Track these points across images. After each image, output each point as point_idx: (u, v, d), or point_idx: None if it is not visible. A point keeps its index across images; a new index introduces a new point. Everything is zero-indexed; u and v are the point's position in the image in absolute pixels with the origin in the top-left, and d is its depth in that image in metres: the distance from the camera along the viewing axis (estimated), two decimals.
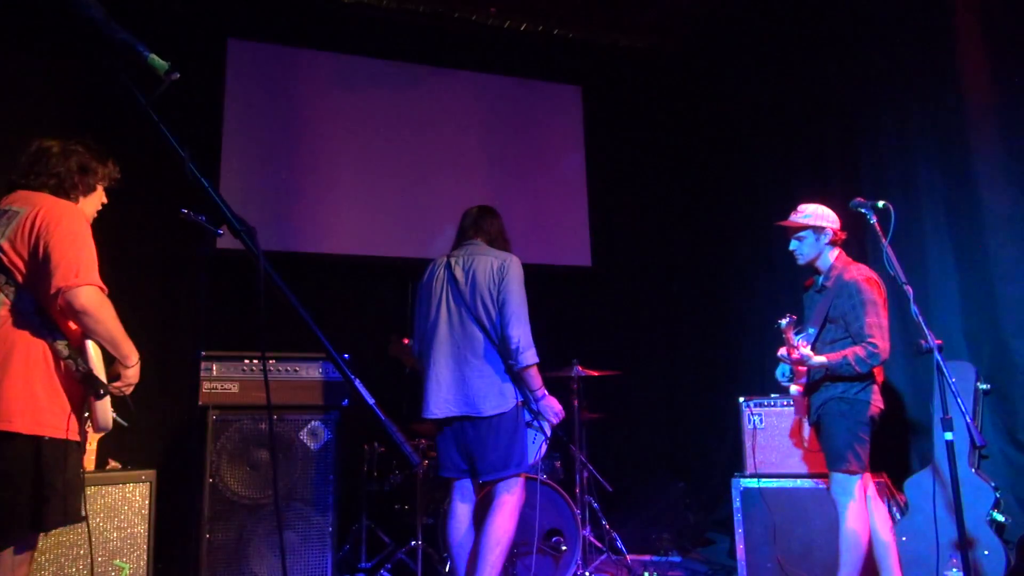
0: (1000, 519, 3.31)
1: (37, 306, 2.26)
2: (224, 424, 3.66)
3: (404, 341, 4.03)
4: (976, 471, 3.42)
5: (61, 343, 2.27)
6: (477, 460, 3.22)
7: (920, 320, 2.82)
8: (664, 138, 6.21)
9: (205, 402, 3.65)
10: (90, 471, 3.32)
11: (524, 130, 5.85)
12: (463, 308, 3.28)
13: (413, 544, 3.97)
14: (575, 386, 4.37)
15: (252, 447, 3.67)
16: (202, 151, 4.83)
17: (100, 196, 2.58)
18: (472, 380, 3.21)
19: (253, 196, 4.99)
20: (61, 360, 2.27)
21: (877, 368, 3.20)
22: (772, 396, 4.02)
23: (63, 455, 2.27)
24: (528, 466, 3.33)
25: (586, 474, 4.38)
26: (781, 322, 3.11)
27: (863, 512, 3.13)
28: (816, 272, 3.41)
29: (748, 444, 4.06)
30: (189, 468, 4.16)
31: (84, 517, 2.39)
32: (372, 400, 1.56)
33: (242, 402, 3.71)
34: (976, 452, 3.46)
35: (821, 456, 3.36)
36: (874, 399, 3.20)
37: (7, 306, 2.24)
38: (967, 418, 2.82)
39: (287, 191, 5.15)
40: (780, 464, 3.99)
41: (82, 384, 2.32)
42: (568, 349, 4.49)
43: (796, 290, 3.74)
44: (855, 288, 3.18)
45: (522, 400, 3.29)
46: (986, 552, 3.25)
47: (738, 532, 3.97)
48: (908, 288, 2.87)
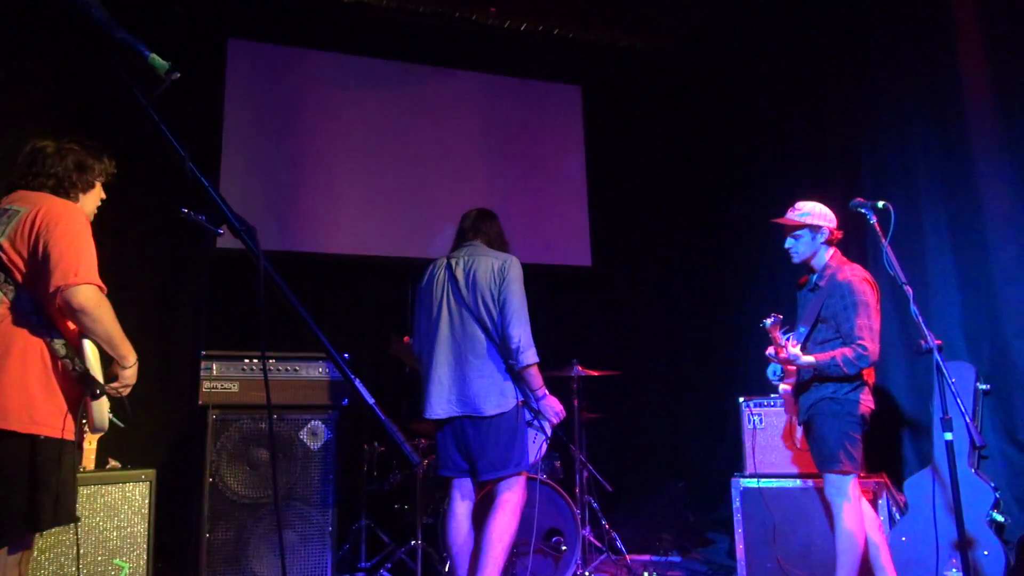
0: (1000, 519, 3.31)
1: (35, 305, 2.25)
2: (224, 423, 3.67)
3: (405, 340, 4.03)
4: (976, 471, 3.42)
5: (59, 342, 2.26)
6: (477, 459, 3.22)
7: (920, 320, 2.82)
8: (664, 138, 6.21)
9: (205, 401, 3.65)
10: (90, 470, 3.32)
11: (524, 130, 5.85)
12: (464, 308, 3.29)
13: (413, 544, 3.98)
14: (575, 386, 4.37)
15: (252, 446, 3.68)
16: (202, 151, 4.83)
17: (99, 192, 2.57)
18: (473, 380, 3.22)
19: (253, 196, 4.99)
20: (58, 359, 2.26)
21: (868, 370, 3.18)
22: (772, 396, 4.01)
23: (58, 454, 2.25)
24: (528, 465, 3.34)
25: (586, 474, 4.38)
26: (766, 321, 3.09)
27: (859, 512, 3.12)
28: (811, 271, 3.38)
29: (748, 444, 4.06)
30: (189, 467, 4.17)
31: (78, 518, 2.37)
32: (372, 400, 1.56)
33: (242, 401, 3.71)
34: (976, 452, 3.45)
35: (810, 456, 3.35)
36: (864, 399, 3.17)
37: (6, 305, 2.24)
38: (967, 418, 2.82)
39: (287, 191, 5.15)
40: (780, 464, 3.99)
41: (79, 384, 2.31)
42: (568, 349, 4.50)
43: (795, 289, 3.74)
44: (848, 289, 3.16)
45: (522, 400, 3.30)
46: (985, 552, 3.25)
47: (738, 532, 3.97)
48: (908, 288, 2.87)
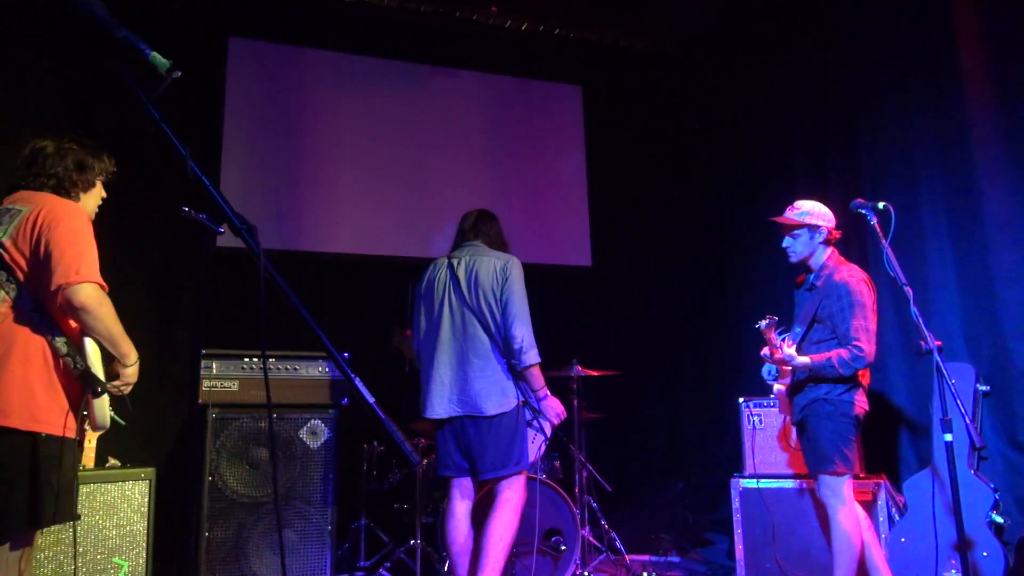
0: (999, 521, 3.31)
1: (37, 304, 2.27)
2: (224, 422, 3.66)
3: (407, 333, 4.02)
4: (975, 472, 3.42)
5: (60, 340, 2.28)
6: (477, 459, 3.23)
7: (920, 321, 2.82)
8: (664, 138, 6.21)
9: (205, 400, 3.65)
10: (90, 468, 3.32)
11: (525, 129, 5.85)
12: (466, 308, 3.29)
13: (412, 543, 3.98)
14: (575, 386, 4.37)
15: (252, 445, 3.68)
16: (203, 150, 4.84)
17: (100, 191, 2.59)
18: (475, 380, 3.22)
19: (254, 194, 4.99)
20: (60, 358, 2.27)
21: (863, 371, 3.17)
22: (772, 396, 4.01)
23: (59, 452, 2.26)
24: (528, 464, 3.34)
25: (585, 474, 4.38)
26: (761, 323, 3.09)
27: (854, 513, 3.12)
28: (808, 270, 3.36)
29: (748, 444, 4.06)
30: (189, 466, 4.16)
31: (78, 516, 2.39)
32: (372, 399, 1.56)
33: (242, 400, 3.71)
34: (975, 454, 3.45)
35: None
36: (858, 400, 3.16)
37: (8, 303, 2.25)
38: (966, 419, 2.82)
39: (287, 190, 5.15)
40: (780, 464, 3.99)
41: (80, 382, 2.32)
42: (568, 349, 4.50)
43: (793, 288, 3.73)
44: (845, 289, 3.15)
45: (523, 400, 3.31)
46: (985, 554, 3.24)
47: (737, 532, 3.96)
48: (908, 289, 2.86)
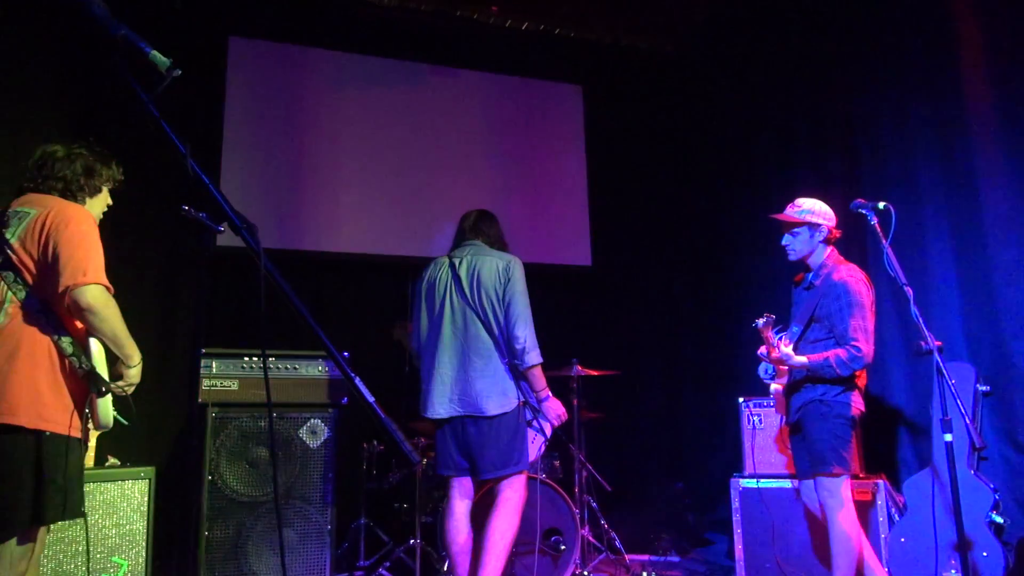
0: (999, 521, 3.30)
1: (44, 304, 2.32)
2: (223, 421, 3.66)
3: (408, 327, 4.01)
4: (975, 473, 3.42)
5: (66, 340, 2.33)
6: (478, 458, 3.23)
7: (920, 321, 2.82)
8: (665, 138, 6.21)
9: (205, 399, 3.65)
10: (89, 467, 3.32)
11: (525, 129, 5.84)
12: (467, 308, 3.29)
13: (412, 542, 3.98)
14: (574, 385, 4.37)
15: (251, 445, 3.67)
16: (203, 149, 4.83)
17: (105, 198, 2.66)
18: (476, 380, 3.22)
19: (253, 193, 4.99)
20: (65, 358, 2.32)
21: (861, 372, 3.16)
22: (771, 396, 4.01)
23: (65, 451, 2.32)
24: (528, 464, 3.34)
25: (585, 473, 4.38)
26: (758, 322, 3.08)
27: (852, 513, 3.11)
28: (807, 269, 3.35)
29: (747, 444, 4.06)
30: (188, 465, 4.15)
31: (84, 513, 2.44)
32: (372, 398, 1.56)
33: (242, 399, 3.71)
34: (975, 454, 3.45)
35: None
36: (854, 401, 3.15)
37: (15, 303, 2.31)
38: (966, 420, 2.82)
39: (288, 189, 5.14)
40: (779, 464, 3.99)
41: (85, 382, 2.37)
42: (568, 349, 4.49)
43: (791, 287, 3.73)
44: (843, 289, 3.14)
45: (523, 400, 3.31)
46: (984, 554, 3.24)
47: (737, 532, 3.96)
48: (908, 289, 2.86)
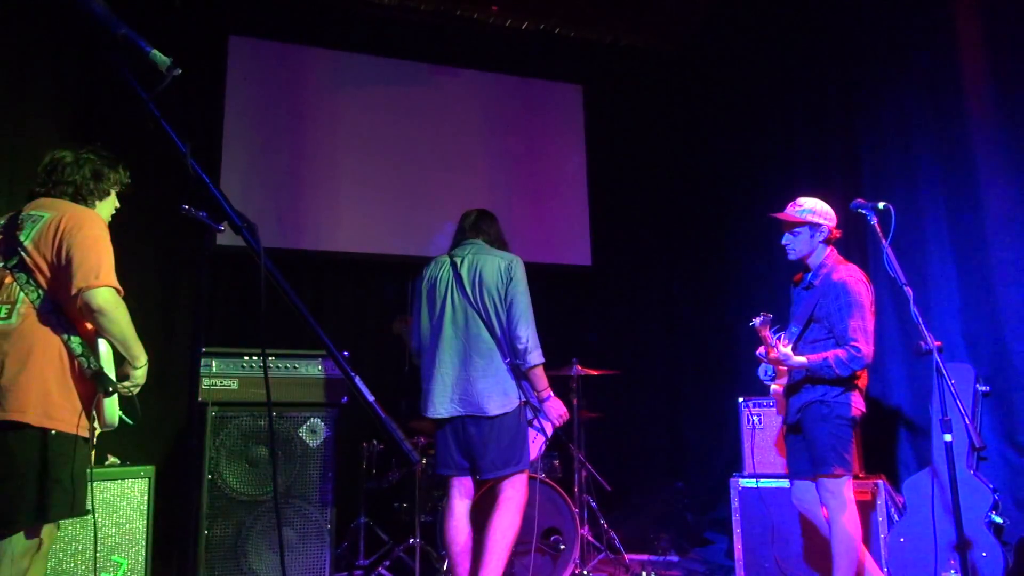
0: (998, 521, 3.31)
1: (55, 305, 2.39)
2: (223, 420, 3.66)
3: (409, 320, 4.00)
4: (974, 473, 3.42)
5: (75, 341, 2.39)
6: (479, 458, 3.23)
7: (920, 321, 2.82)
8: (665, 138, 6.20)
9: (204, 398, 3.65)
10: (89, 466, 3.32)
11: (525, 129, 5.84)
12: (469, 307, 3.29)
13: (411, 542, 3.98)
14: (574, 385, 4.37)
15: (251, 444, 3.67)
16: (203, 148, 4.83)
17: (113, 201, 2.72)
18: (478, 380, 3.22)
19: (253, 192, 4.98)
20: (75, 358, 2.38)
21: (861, 372, 3.15)
22: (771, 396, 4.01)
23: (72, 449, 2.37)
24: (529, 463, 3.34)
25: (585, 473, 4.38)
26: (755, 321, 3.06)
27: (855, 514, 3.11)
28: (806, 268, 3.33)
29: (747, 444, 4.06)
30: (188, 464, 4.13)
31: (89, 511, 2.47)
32: (371, 397, 1.56)
33: (241, 399, 3.71)
34: (975, 454, 3.45)
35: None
36: (855, 402, 3.14)
37: (28, 304, 2.37)
38: (966, 420, 2.82)
39: (287, 188, 5.14)
40: (779, 464, 3.99)
41: (92, 382, 2.42)
42: (568, 348, 4.49)
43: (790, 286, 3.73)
44: (842, 289, 3.13)
45: (524, 399, 3.30)
46: (984, 554, 3.25)
47: (736, 532, 3.97)
48: (908, 290, 2.86)
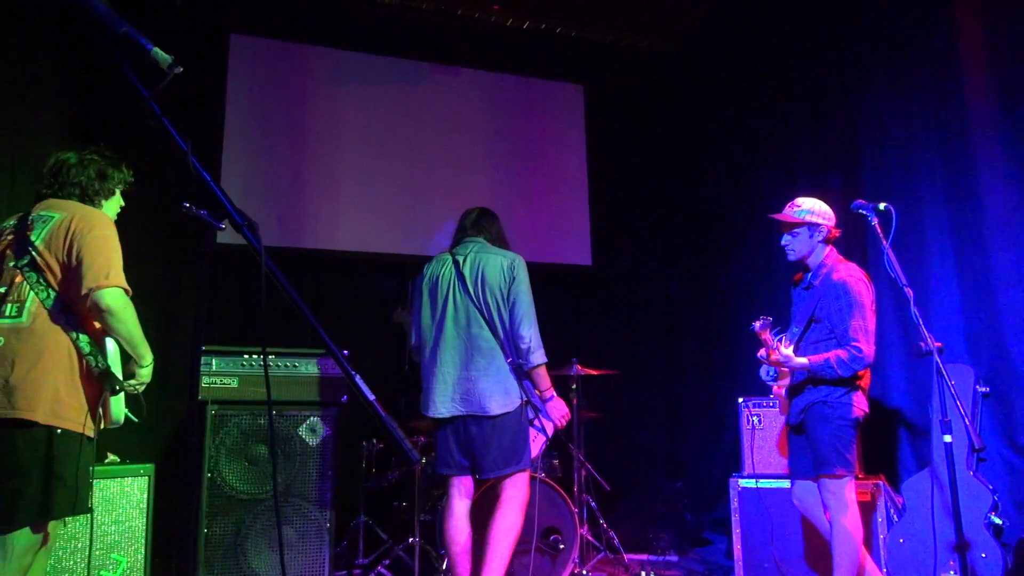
0: (998, 522, 3.31)
1: (65, 305, 2.41)
2: (223, 419, 3.67)
3: (409, 311, 3.97)
4: (974, 474, 3.42)
5: (84, 340, 2.41)
6: (481, 458, 3.22)
7: (920, 322, 2.81)
8: (665, 137, 6.20)
9: (204, 397, 3.65)
10: None
11: (526, 128, 5.84)
12: (471, 306, 3.28)
13: (411, 541, 3.98)
14: (574, 385, 4.37)
15: (251, 442, 3.68)
16: (203, 147, 4.82)
17: (118, 200, 2.75)
18: (479, 380, 3.21)
19: (254, 191, 4.99)
20: (83, 356, 2.41)
21: (864, 372, 3.14)
22: (771, 396, 4.01)
23: (78, 448, 2.39)
24: (530, 462, 3.34)
25: (584, 473, 4.38)
26: (755, 325, 3.04)
27: (856, 515, 3.11)
28: (806, 268, 3.32)
29: (747, 444, 4.06)
30: (188, 463, 4.14)
31: (91, 508, 2.50)
32: (372, 396, 1.56)
33: (241, 397, 3.71)
34: (974, 455, 3.45)
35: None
36: (857, 402, 3.13)
37: (39, 304, 2.39)
38: (966, 421, 2.82)
39: (288, 186, 5.14)
40: (779, 464, 3.99)
41: (100, 382, 2.45)
42: (568, 348, 4.49)
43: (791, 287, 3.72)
44: (843, 289, 3.12)
45: (525, 399, 3.30)
46: (983, 555, 3.25)
47: (736, 532, 3.96)
48: (908, 290, 2.86)
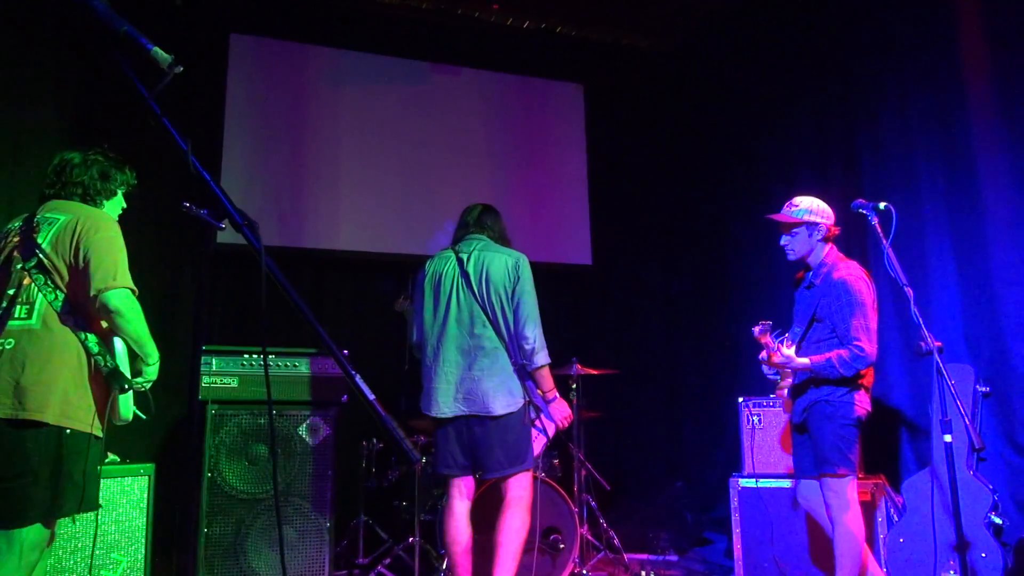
0: (998, 522, 3.31)
1: (73, 306, 2.43)
2: (223, 419, 3.67)
3: (411, 300, 3.97)
4: (974, 473, 3.42)
5: (92, 340, 2.43)
6: (484, 458, 3.21)
7: (920, 322, 2.81)
8: (665, 137, 6.20)
9: (205, 397, 3.65)
10: None
11: (526, 128, 5.84)
12: (475, 305, 3.27)
13: (411, 540, 3.98)
14: (574, 384, 4.37)
15: (251, 442, 3.68)
16: (204, 146, 4.82)
17: (121, 201, 2.76)
18: (483, 379, 3.20)
19: (254, 191, 4.98)
20: (91, 356, 2.43)
21: (867, 371, 3.14)
22: (771, 396, 4.01)
23: (86, 448, 2.41)
24: (533, 462, 3.35)
25: (584, 472, 4.38)
26: (755, 330, 3.05)
27: (858, 515, 3.10)
28: (807, 268, 3.31)
29: (747, 444, 4.06)
30: (188, 462, 4.14)
31: (100, 506, 2.55)
32: (372, 396, 1.56)
33: (241, 397, 3.71)
34: (975, 455, 3.45)
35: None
36: (859, 402, 3.12)
37: (47, 306, 2.41)
38: (966, 420, 2.82)
39: (288, 186, 5.14)
40: (779, 464, 3.99)
41: (107, 382, 2.47)
42: (568, 348, 4.49)
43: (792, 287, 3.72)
44: (844, 288, 3.11)
45: (528, 399, 3.30)
46: (983, 555, 3.25)
47: (736, 532, 3.97)
48: (908, 290, 2.86)
